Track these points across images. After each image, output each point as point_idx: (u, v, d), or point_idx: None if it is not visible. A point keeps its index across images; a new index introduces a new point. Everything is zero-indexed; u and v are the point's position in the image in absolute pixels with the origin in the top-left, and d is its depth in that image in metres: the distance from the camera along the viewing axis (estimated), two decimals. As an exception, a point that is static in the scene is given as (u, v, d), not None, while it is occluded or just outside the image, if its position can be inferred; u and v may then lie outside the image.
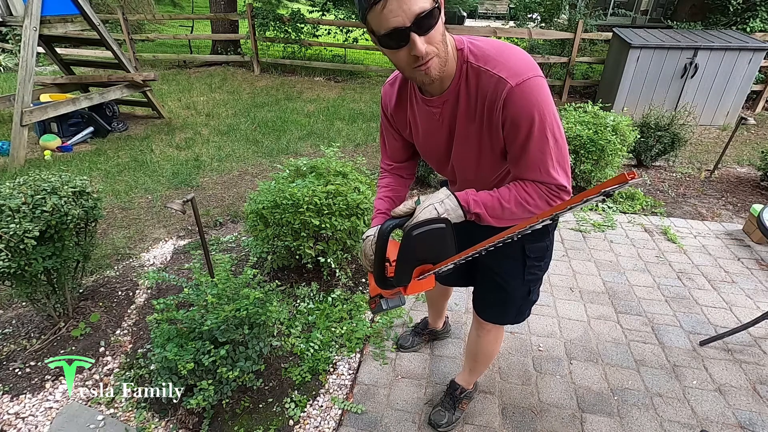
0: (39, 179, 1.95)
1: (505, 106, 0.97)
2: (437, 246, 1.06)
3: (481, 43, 1.01)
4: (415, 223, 1.02)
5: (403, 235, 1.02)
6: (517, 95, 0.95)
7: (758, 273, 2.78)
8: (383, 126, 1.31)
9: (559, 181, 1.03)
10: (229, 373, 1.63)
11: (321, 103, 6.51)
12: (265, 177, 4.02)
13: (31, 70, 4.21)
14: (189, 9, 12.82)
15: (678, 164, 4.49)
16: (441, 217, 1.02)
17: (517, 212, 1.06)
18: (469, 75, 1.01)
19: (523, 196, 1.04)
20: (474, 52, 1.00)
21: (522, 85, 0.94)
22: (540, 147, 0.99)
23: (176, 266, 2.77)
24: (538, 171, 1.02)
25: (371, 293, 1.28)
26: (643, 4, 11.72)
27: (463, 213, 1.05)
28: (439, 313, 2.09)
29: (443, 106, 1.07)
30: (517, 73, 0.95)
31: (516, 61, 0.96)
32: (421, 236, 1.01)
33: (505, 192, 1.06)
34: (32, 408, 1.83)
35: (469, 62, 1.00)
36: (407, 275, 1.10)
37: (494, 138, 1.05)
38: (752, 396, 1.94)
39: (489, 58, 0.98)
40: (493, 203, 1.05)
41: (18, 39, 7.87)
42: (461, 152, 1.14)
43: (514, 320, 1.51)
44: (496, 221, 1.08)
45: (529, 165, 1.02)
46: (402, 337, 2.18)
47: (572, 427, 1.79)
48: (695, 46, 5.29)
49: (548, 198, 1.05)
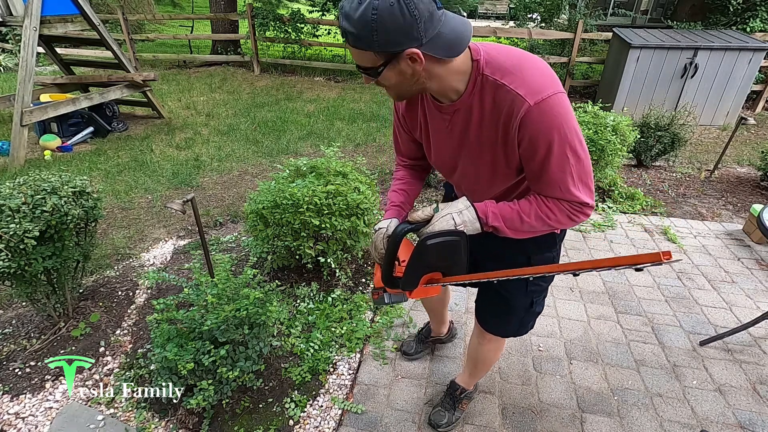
0: (39, 179, 1.95)
1: (522, 126, 0.93)
2: (449, 257, 1.07)
3: (499, 53, 0.97)
4: (430, 233, 1.02)
5: (417, 243, 1.03)
6: (535, 115, 0.90)
7: (758, 273, 2.78)
8: (395, 125, 1.30)
9: (581, 199, 0.99)
10: (229, 373, 1.63)
11: (321, 103, 6.51)
12: (265, 177, 4.03)
13: (31, 70, 4.21)
14: (189, 9, 12.81)
15: (678, 164, 4.49)
16: (456, 230, 1.02)
17: (537, 226, 1.04)
18: (484, 87, 0.96)
19: (544, 211, 1.02)
20: (491, 64, 0.95)
21: (541, 104, 0.90)
22: (560, 166, 0.95)
23: (176, 266, 2.77)
24: (559, 190, 0.99)
25: (375, 284, 1.28)
26: (643, 4, 11.72)
27: (480, 226, 1.04)
28: (440, 319, 2.05)
29: (454, 115, 1.05)
30: (536, 91, 0.90)
31: (535, 77, 0.92)
32: (435, 246, 1.02)
33: (526, 205, 1.04)
34: (32, 408, 1.82)
35: (484, 74, 0.96)
36: (415, 281, 1.11)
37: (509, 154, 1.01)
38: (752, 396, 1.94)
39: (506, 71, 0.94)
40: (512, 216, 1.04)
41: (18, 39, 7.87)
42: (471, 163, 1.11)
43: (517, 332, 1.48)
44: (513, 233, 1.06)
45: (549, 184, 0.99)
46: (405, 343, 2.11)
47: (572, 427, 1.79)
48: (695, 46, 5.29)
49: (570, 214, 1.02)
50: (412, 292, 1.16)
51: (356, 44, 0.87)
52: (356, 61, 0.92)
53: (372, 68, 0.90)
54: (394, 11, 0.80)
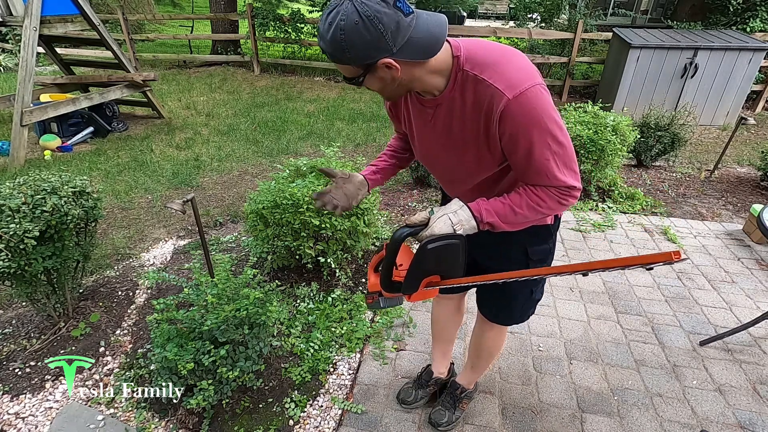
0: (39, 179, 1.95)
1: (502, 120, 0.96)
2: (449, 260, 1.10)
3: (478, 48, 0.99)
4: (430, 236, 1.05)
5: (419, 248, 1.06)
6: (513, 109, 0.93)
7: (758, 273, 2.78)
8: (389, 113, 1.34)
9: (568, 183, 1.02)
10: (229, 373, 1.63)
11: (321, 103, 6.51)
12: (265, 177, 4.03)
13: (31, 70, 4.21)
14: (189, 9, 12.81)
15: (678, 164, 4.49)
16: (456, 233, 1.05)
17: (530, 216, 1.07)
18: (465, 82, 0.99)
19: (534, 200, 1.05)
20: (470, 59, 0.98)
21: (519, 97, 0.93)
22: (544, 155, 0.98)
23: (176, 266, 2.77)
24: (546, 177, 1.01)
25: (369, 288, 1.28)
26: (643, 4, 11.72)
27: (477, 224, 1.06)
28: (447, 345, 1.87)
29: (436, 109, 1.07)
30: (514, 85, 0.93)
31: (513, 71, 0.95)
32: (436, 250, 1.04)
33: (516, 198, 1.06)
34: (32, 408, 1.82)
35: (464, 70, 0.98)
36: (416, 285, 1.13)
37: (492, 146, 1.04)
38: (752, 396, 1.94)
39: (485, 66, 0.96)
40: (505, 210, 1.06)
41: (18, 39, 7.87)
42: (454, 155, 1.14)
43: (519, 320, 1.51)
44: (509, 227, 1.09)
45: (536, 173, 1.02)
46: (403, 391, 1.88)
47: (572, 427, 1.79)
48: (695, 46, 5.29)
49: (559, 199, 1.05)
50: (412, 296, 1.17)
51: (334, 60, 0.94)
52: (341, 71, 0.99)
53: (354, 78, 0.97)
54: (359, 29, 0.85)
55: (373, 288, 1.26)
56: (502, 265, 1.33)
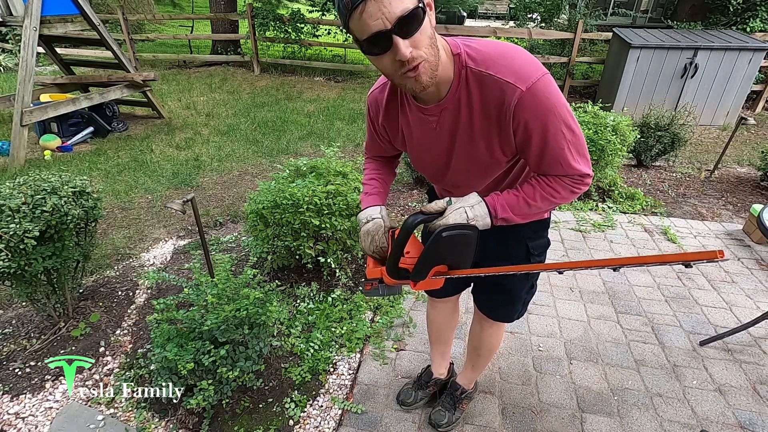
0: (39, 179, 1.95)
1: (517, 113, 0.93)
2: (461, 250, 1.09)
3: (478, 45, 0.97)
4: (445, 224, 1.03)
5: (433, 235, 1.04)
6: (527, 100, 0.91)
7: (758, 273, 2.78)
8: (370, 134, 1.28)
9: (582, 171, 1.02)
10: (229, 373, 1.63)
11: (321, 103, 6.51)
12: (265, 177, 4.03)
13: (31, 70, 4.21)
14: (189, 9, 12.81)
15: (678, 164, 4.49)
16: (470, 224, 1.04)
17: (543, 207, 1.07)
18: (470, 81, 0.96)
19: (548, 191, 1.04)
20: (473, 56, 0.95)
21: (532, 88, 0.91)
22: (559, 144, 0.97)
23: (176, 266, 2.77)
24: (560, 166, 1.00)
25: (368, 275, 1.24)
26: (643, 4, 11.73)
27: (491, 220, 1.05)
28: (445, 347, 1.87)
29: (441, 115, 1.03)
30: (524, 77, 0.91)
31: (520, 63, 0.92)
32: (451, 238, 1.03)
33: (530, 190, 1.05)
34: (32, 408, 1.82)
35: (468, 67, 0.95)
36: (425, 272, 1.11)
37: (504, 142, 1.01)
38: (752, 396, 1.94)
39: (491, 61, 0.94)
40: (519, 203, 1.05)
41: (18, 39, 7.87)
42: (466, 161, 1.10)
43: (520, 314, 1.52)
44: (522, 219, 1.08)
45: (551, 163, 1.01)
46: (403, 392, 1.88)
47: (572, 427, 1.79)
48: (695, 46, 5.29)
49: (572, 188, 1.04)
50: (418, 284, 1.15)
51: None
52: (394, 11, 0.78)
53: (415, 10, 0.80)
54: None
55: (373, 275, 1.22)
56: (504, 262, 1.33)
